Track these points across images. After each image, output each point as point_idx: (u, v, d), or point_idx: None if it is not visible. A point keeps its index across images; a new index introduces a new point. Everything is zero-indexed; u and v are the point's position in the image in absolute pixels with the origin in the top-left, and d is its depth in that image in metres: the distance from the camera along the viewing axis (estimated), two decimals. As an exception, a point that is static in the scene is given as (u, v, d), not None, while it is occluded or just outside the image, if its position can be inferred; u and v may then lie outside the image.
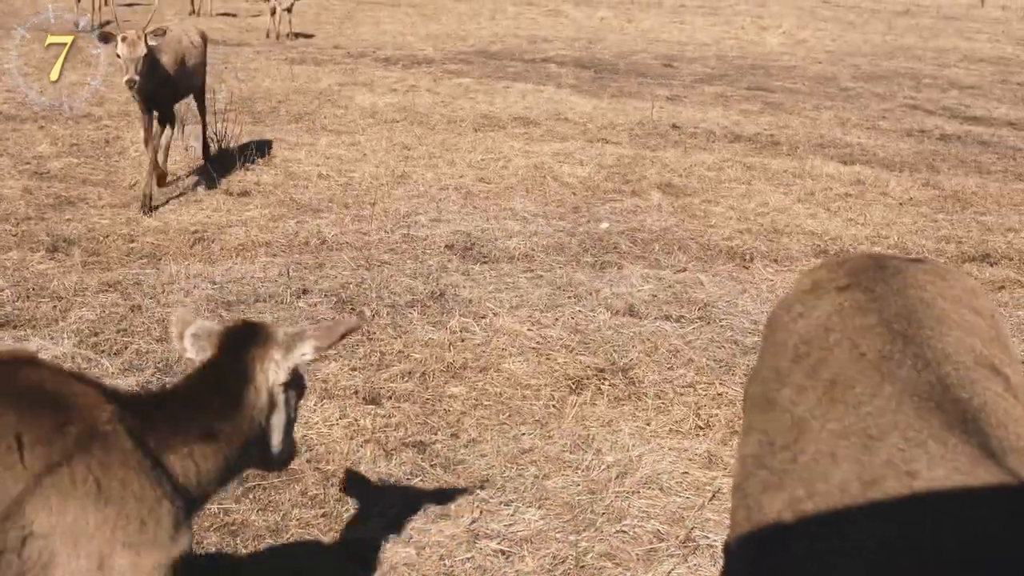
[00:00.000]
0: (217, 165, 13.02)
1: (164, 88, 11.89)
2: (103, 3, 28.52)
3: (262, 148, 14.17)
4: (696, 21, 35.72)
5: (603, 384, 7.64)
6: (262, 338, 3.91)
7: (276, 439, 3.95)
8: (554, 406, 7.28)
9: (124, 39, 11.07)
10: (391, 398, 7.29)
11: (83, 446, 3.28)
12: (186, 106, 13.65)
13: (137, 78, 11.13)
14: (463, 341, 8.26)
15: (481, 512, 5.99)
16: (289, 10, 27.08)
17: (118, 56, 11.12)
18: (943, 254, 11.05)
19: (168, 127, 12.46)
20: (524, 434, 6.87)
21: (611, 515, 6.03)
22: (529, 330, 8.49)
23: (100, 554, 3.24)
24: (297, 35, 27.56)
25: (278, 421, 3.92)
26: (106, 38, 11.26)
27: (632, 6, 40.31)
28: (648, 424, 7.09)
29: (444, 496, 6.12)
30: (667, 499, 6.23)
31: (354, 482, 6.24)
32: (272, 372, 3.85)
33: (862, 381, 3.30)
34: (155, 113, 11.90)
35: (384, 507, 5.98)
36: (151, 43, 11.30)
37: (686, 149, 15.44)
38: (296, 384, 4.00)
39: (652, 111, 17.93)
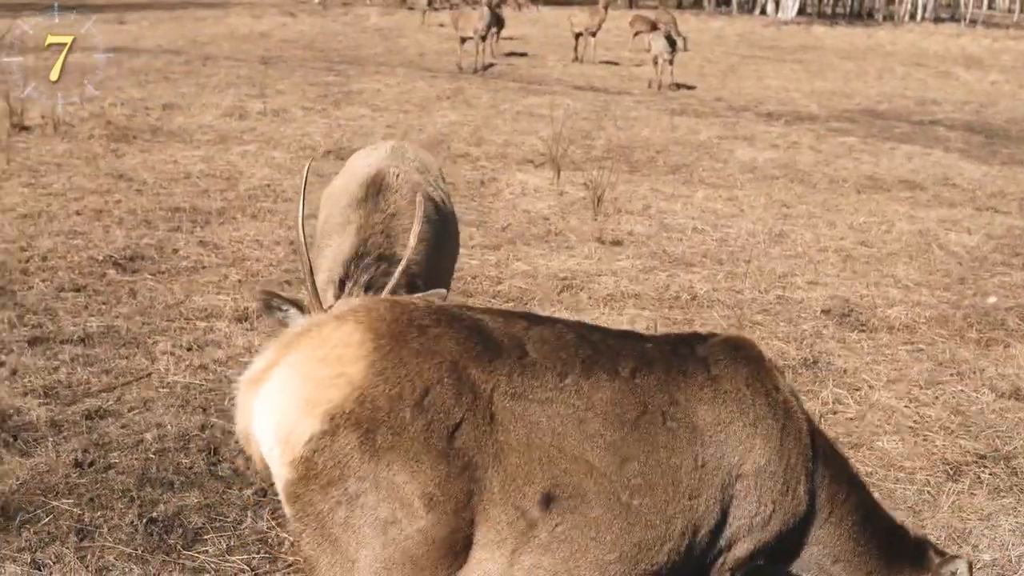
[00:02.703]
0: (592, 213, 13.02)
1: None
2: (484, 51, 29.31)
3: (637, 198, 14.14)
4: (1097, 89, 33.80)
5: (983, 472, 7.16)
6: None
7: None
8: (929, 492, 6.84)
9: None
10: (755, 467, 7.01)
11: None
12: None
13: None
14: (835, 414, 7.90)
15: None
16: (671, 61, 27.12)
17: None
18: None
19: None
20: (896, 520, 6.47)
21: (988, 620, 5.58)
22: (906, 407, 8.06)
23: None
24: (679, 86, 27.57)
25: None
26: (270, 307, 5.49)
27: (1026, 71, 38.55)
28: (1031, 521, 6.57)
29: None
30: (1050, 608, 5.72)
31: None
32: None
33: None
34: None
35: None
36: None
37: (1083, 223, 14.50)
38: None
39: (1047, 181, 16.95)
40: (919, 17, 65.10)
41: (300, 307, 5.33)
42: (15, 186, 12.79)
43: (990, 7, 78.64)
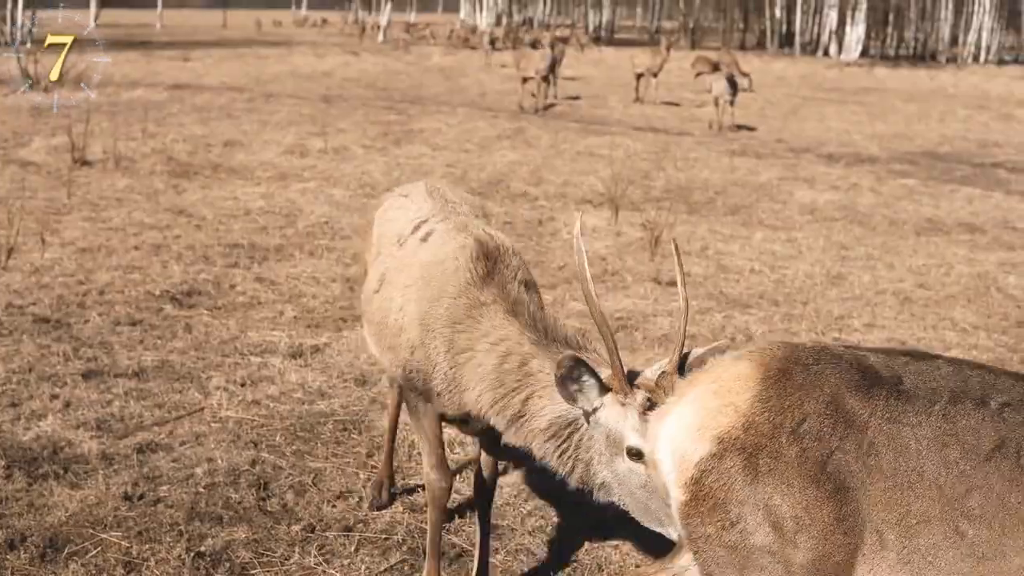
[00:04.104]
0: (649, 253, 12.98)
1: None
2: (545, 91, 29.41)
3: (695, 239, 14.10)
4: None
5: None
6: None
7: None
8: (985, 539, 6.73)
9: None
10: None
11: None
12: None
13: None
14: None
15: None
16: (732, 102, 27.09)
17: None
18: None
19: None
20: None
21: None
22: (962, 452, 7.93)
23: None
24: (739, 127, 27.52)
25: None
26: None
27: (1094, 113, 38.15)
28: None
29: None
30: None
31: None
32: None
33: None
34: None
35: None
36: None
37: None
38: None
39: (1111, 224, 16.73)
40: (982, 59, 64.71)
41: (603, 383, 4.46)
42: (76, 220, 12.97)
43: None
